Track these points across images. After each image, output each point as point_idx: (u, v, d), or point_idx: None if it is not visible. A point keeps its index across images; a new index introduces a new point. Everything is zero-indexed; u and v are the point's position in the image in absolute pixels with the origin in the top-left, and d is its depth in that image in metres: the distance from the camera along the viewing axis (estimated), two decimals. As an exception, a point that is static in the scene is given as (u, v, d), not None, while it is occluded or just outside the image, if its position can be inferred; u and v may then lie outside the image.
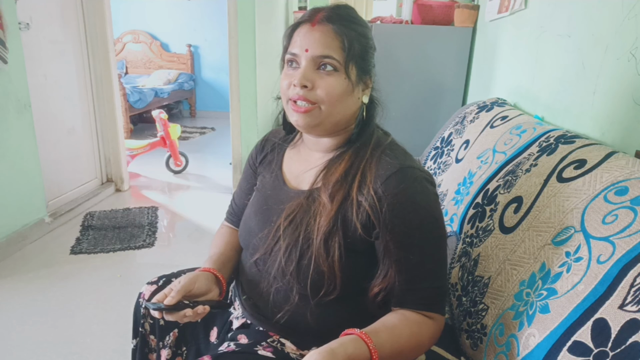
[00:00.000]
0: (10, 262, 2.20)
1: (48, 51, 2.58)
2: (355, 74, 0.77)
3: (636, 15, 0.96)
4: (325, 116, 0.77)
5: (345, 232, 0.77)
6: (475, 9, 2.17)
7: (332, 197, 0.77)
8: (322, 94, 0.75)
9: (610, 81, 1.06)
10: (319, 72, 0.75)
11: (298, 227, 0.78)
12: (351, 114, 0.81)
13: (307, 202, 0.80)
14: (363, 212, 0.75)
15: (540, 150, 1.00)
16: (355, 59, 0.77)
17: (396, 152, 0.80)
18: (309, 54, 0.75)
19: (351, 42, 0.75)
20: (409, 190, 0.74)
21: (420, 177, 0.76)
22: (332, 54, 0.74)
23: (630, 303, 0.57)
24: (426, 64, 2.27)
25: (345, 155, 0.80)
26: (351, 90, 0.77)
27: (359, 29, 0.78)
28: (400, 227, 0.73)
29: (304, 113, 0.76)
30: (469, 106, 1.67)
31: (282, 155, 0.93)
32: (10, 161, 2.22)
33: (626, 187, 0.71)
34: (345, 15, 0.77)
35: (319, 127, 0.79)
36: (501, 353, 0.77)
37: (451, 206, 1.29)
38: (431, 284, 0.75)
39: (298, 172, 0.87)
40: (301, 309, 0.80)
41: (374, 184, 0.75)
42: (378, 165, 0.77)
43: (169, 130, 3.54)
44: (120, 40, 6.12)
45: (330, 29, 0.75)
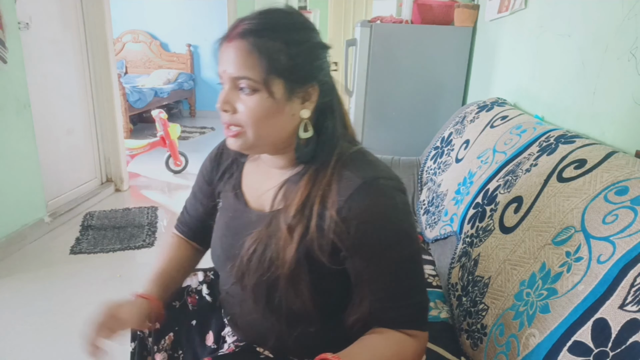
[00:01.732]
0: (9, 262, 2.19)
1: (48, 51, 2.58)
2: (284, 89, 0.68)
3: (636, 15, 0.96)
4: (254, 139, 0.70)
5: (313, 266, 0.71)
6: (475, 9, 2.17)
7: (291, 232, 0.70)
8: (243, 118, 0.69)
9: (610, 81, 1.06)
10: (239, 94, 0.68)
11: (261, 263, 0.73)
12: (288, 133, 0.72)
13: (267, 231, 0.73)
14: (328, 241, 0.69)
15: (541, 150, 1.00)
16: (281, 72, 0.67)
17: (359, 163, 0.72)
18: (227, 75, 0.68)
19: (271, 55, 0.66)
20: (375, 206, 0.68)
21: (386, 187, 0.70)
22: (247, 74, 0.66)
23: (631, 303, 0.57)
24: (426, 64, 2.27)
25: (302, 181, 0.73)
26: (279, 109, 0.69)
27: (285, 37, 0.68)
28: (370, 248, 0.68)
29: (233, 137, 0.71)
30: (469, 106, 1.67)
31: (242, 171, 0.86)
32: (9, 161, 2.22)
33: (626, 186, 0.71)
34: (265, 24, 0.68)
35: (254, 149, 0.73)
36: (501, 353, 0.77)
37: (451, 206, 1.29)
38: (409, 301, 0.70)
39: (259, 190, 0.80)
40: (284, 337, 0.78)
41: (337, 205, 0.68)
42: (339, 183, 0.70)
43: (168, 130, 3.54)
44: (120, 39, 6.12)
45: (244, 45, 0.66)
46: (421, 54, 2.25)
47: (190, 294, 0.98)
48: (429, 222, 1.44)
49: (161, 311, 0.84)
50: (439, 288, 1.21)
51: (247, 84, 0.67)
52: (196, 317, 0.96)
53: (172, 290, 0.91)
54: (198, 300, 0.98)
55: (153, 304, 0.82)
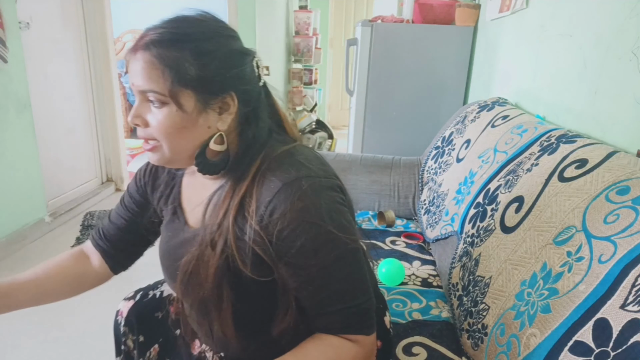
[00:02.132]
0: (10, 262, 2.19)
1: (48, 50, 2.58)
2: (195, 101, 0.64)
3: (637, 15, 0.96)
4: (171, 153, 0.67)
5: (235, 281, 0.68)
6: (476, 8, 2.17)
7: (213, 247, 0.67)
8: (155, 132, 0.65)
9: (611, 81, 1.06)
10: (150, 106, 0.65)
11: (195, 285, 0.70)
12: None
13: (199, 252, 0.69)
14: (249, 252, 0.65)
15: (542, 150, 1.00)
16: (189, 83, 0.63)
17: (283, 165, 0.67)
18: (135, 88, 0.65)
19: (177, 66, 0.62)
20: (295, 208, 0.63)
21: (310, 186, 0.64)
22: (152, 87, 0.62)
23: (632, 303, 0.57)
24: (427, 63, 2.26)
25: (225, 191, 0.69)
26: (192, 121, 0.65)
27: (193, 46, 0.63)
28: (293, 255, 0.64)
29: (150, 151, 0.68)
30: (470, 105, 1.67)
31: (180, 186, 0.82)
32: (10, 161, 2.22)
33: (628, 186, 0.71)
34: (169, 34, 0.64)
35: (172, 163, 0.70)
36: (502, 353, 0.77)
37: (452, 206, 1.28)
38: (342, 305, 0.66)
39: (195, 204, 0.77)
40: (231, 350, 0.78)
41: (258, 213, 0.64)
42: (260, 189, 0.65)
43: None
44: (121, 39, 6.11)
45: (148, 57, 0.62)
46: (422, 54, 2.25)
47: (171, 303, 0.95)
48: (430, 222, 1.44)
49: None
50: (440, 288, 1.21)
51: (155, 97, 0.63)
52: (180, 326, 0.93)
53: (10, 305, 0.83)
54: (180, 308, 0.94)
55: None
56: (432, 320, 1.05)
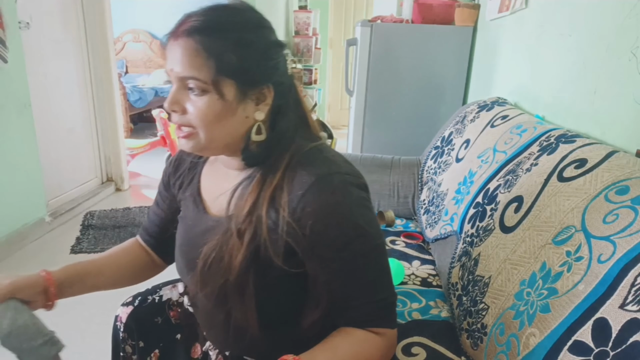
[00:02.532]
0: (10, 262, 2.20)
1: (48, 50, 2.58)
2: (235, 91, 0.65)
3: (637, 15, 0.96)
4: (207, 141, 0.67)
5: (263, 271, 0.69)
6: (475, 8, 2.17)
7: (240, 236, 0.68)
8: (193, 119, 0.65)
9: (611, 80, 1.06)
10: (188, 93, 0.65)
11: (217, 272, 0.70)
12: (243, 134, 0.69)
13: (223, 239, 0.70)
14: (281, 243, 0.66)
15: (541, 150, 1.00)
16: (231, 73, 0.64)
17: (314, 161, 0.69)
18: (174, 74, 0.65)
19: (220, 55, 0.63)
20: (328, 203, 0.65)
21: (341, 182, 0.67)
22: (194, 74, 0.63)
23: (631, 303, 0.57)
24: (427, 63, 2.27)
25: (253, 183, 0.70)
26: (231, 110, 0.66)
27: (235, 37, 0.64)
28: (325, 247, 0.66)
29: (185, 138, 0.68)
30: (470, 105, 1.67)
31: (200, 175, 0.83)
32: (10, 160, 2.22)
33: (627, 186, 0.71)
34: (213, 22, 0.64)
35: (206, 151, 0.70)
36: (501, 352, 0.77)
37: (451, 205, 1.29)
38: (370, 298, 0.68)
39: (216, 194, 0.77)
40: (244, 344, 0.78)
41: (290, 206, 0.65)
42: (292, 183, 0.67)
43: (169, 129, 3.54)
44: (120, 39, 6.11)
45: (191, 44, 0.62)
46: (422, 54, 2.25)
47: (171, 308, 0.95)
48: (429, 222, 1.44)
49: (52, 297, 0.78)
50: (439, 287, 1.21)
51: (196, 85, 0.64)
52: (180, 331, 0.94)
53: (79, 289, 0.81)
54: (180, 312, 0.95)
55: (47, 282, 0.76)
56: (432, 320, 1.05)
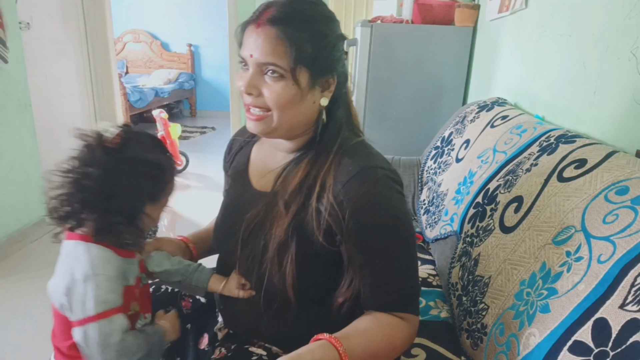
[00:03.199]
0: (11, 262, 2.20)
1: (48, 51, 2.58)
2: (308, 78, 0.71)
3: (637, 15, 0.96)
4: (278, 123, 0.73)
5: (303, 242, 0.74)
6: (475, 9, 2.17)
7: (287, 207, 0.74)
8: (269, 102, 0.71)
9: (610, 81, 1.06)
10: (265, 78, 0.71)
11: (257, 236, 0.77)
12: (308, 119, 0.76)
13: (266, 209, 0.77)
14: (324, 221, 0.72)
15: (541, 150, 1.00)
16: (306, 62, 0.70)
17: (360, 153, 0.76)
18: (253, 60, 0.70)
19: (299, 45, 0.68)
20: (371, 192, 0.71)
21: (382, 176, 0.73)
22: (275, 60, 0.68)
23: (631, 303, 0.57)
24: (426, 64, 2.26)
25: (302, 164, 0.77)
26: (302, 96, 0.72)
27: (312, 28, 0.70)
28: (364, 232, 0.71)
29: (257, 121, 0.74)
30: (470, 106, 1.67)
31: (249, 154, 0.90)
32: (10, 160, 2.22)
33: (627, 186, 0.71)
34: (294, 14, 0.69)
35: (273, 133, 0.76)
36: (501, 352, 0.77)
37: (451, 206, 1.29)
38: (400, 285, 0.73)
39: (262, 172, 0.85)
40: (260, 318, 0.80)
41: (334, 189, 0.72)
42: (337, 170, 0.73)
43: (169, 129, 3.53)
44: (121, 39, 6.12)
45: (273, 33, 0.68)
46: (421, 54, 2.25)
47: (183, 298, 0.99)
48: (429, 222, 1.44)
49: (194, 253, 0.95)
50: (439, 287, 1.21)
51: (274, 70, 0.69)
52: (191, 321, 0.96)
53: (207, 247, 0.98)
54: (192, 303, 0.99)
55: (185, 241, 0.94)
56: (431, 321, 1.05)
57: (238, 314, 0.85)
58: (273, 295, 0.77)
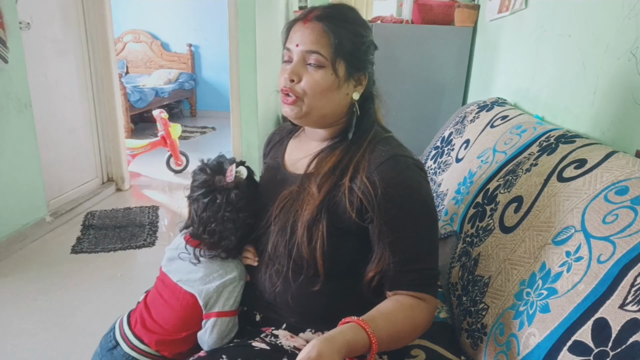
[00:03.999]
0: (11, 262, 2.20)
1: (49, 51, 2.58)
2: (345, 71, 0.80)
3: (636, 15, 0.96)
4: (309, 108, 0.81)
5: (334, 218, 0.80)
6: (475, 9, 2.17)
7: (319, 188, 0.81)
8: (305, 88, 0.80)
9: (610, 81, 1.06)
10: (307, 67, 0.80)
11: (288, 213, 0.83)
12: (340, 109, 0.84)
13: (298, 189, 0.84)
14: (356, 199, 0.79)
15: (541, 150, 1.00)
16: (345, 55, 0.79)
17: (391, 144, 0.85)
18: (299, 48, 0.79)
19: (340, 39, 0.78)
20: (402, 175, 0.78)
21: (412, 164, 0.81)
22: (319, 49, 0.78)
23: (631, 303, 0.57)
24: (426, 64, 2.27)
25: (336, 150, 0.84)
26: (338, 86, 0.81)
27: (352, 28, 0.81)
28: (394, 210, 0.77)
29: (290, 105, 0.82)
30: (469, 106, 1.67)
31: (286, 146, 0.98)
32: (10, 160, 2.22)
33: (626, 186, 0.71)
34: (337, 14, 0.81)
35: (305, 118, 0.83)
36: (501, 352, 0.77)
37: (451, 206, 1.29)
38: (424, 265, 0.79)
39: (297, 158, 0.92)
40: (290, 291, 0.84)
41: (367, 171, 0.79)
42: (371, 155, 0.81)
43: (169, 129, 3.54)
44: (121, 39, 6.11)
45: (319, 26, 0.78)
46: (421, 54, 2.25)
47: None
48: (430, 222, 1.44)
49: None
50: (439, 287, 1.21)
51: (317, 59, 0.78)
52: None
53: None
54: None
55: None
56: (432, 320, 1.05)
57: (266, 284, 0.88)
58: (301, 267, 0.82)
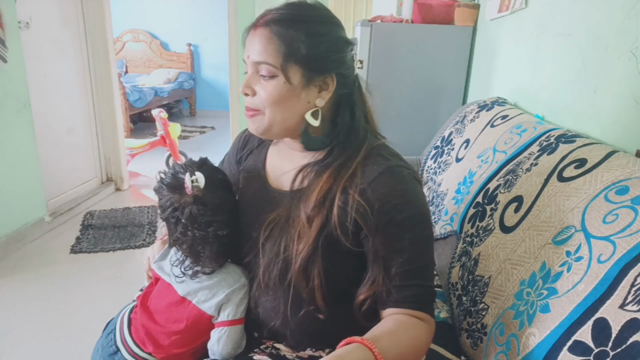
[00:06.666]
0: (10, 261, 2.20)
1: (48, 50, 2.57)
2: (301, 77, 0.72)
3: (637, 14, 0.96)
4: (270, 122, 0.75)
5: (330, 253, 0.75)
6: (475, 8, 2.17)
7: (310, 220, 0.74)
8: (261, 100, 0.74)
9: (610, 80, 1.06)
10: (260, 79, 0.73)
11: (277, 242, 0.77)
12: (304, 118, 0.76)
13: (286, 212, 0.77)
14: (351, 221, 0.73)
15: (541, 150, 1.00)
16: (298, 60, 0.71)
17: (383, 154, 0.78)
18: (250, 60, 0.74)
19: (291, 43, 0.70)
20: (399, 189, 0.73)
21: (408, 175, 0.76)
22: (267, 59, 0.71)
23: (631, 303, 0.57)
24: (426, 63, 2.26)
25: (325, 173, 0.76)
26: (295, 94, 0.73)
27: (306, 27, 0.72)
28: (391, 226, 0.72)
29: (251, 118, 0.77)
30: (470, 105, 1.67)
31: (266, 153, 0.91)
32: (10, 160, 2.22)
33: (627, 186, 0.71)
34: (288, 15, 0.72)
35: (269, 132, 0.77)
36: (501, 352, 0.77)
37: (451, 205, 1.28)
38: (420, 282, 0.74)
39: (280, 171, 0.85)
40: (287, 319, 0.80)
41: (360, 187, 0.73)
42: (364, 169, 0.75)
43: (168, 129, 3.53)
44: (120, 39, 6.11)
45: (267, 33, 0.71)
46: (421, 54, 2.25)
47: None
48: (429, 222, 1.44)
49: None
50: (439, 287, 1.21)
51: (267, 69, 0.72)
52: None
53: None
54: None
55: None
56: (432, 320, 1.05)
57: (263, 314, 0.84)
58: (299, 304, 0.77)
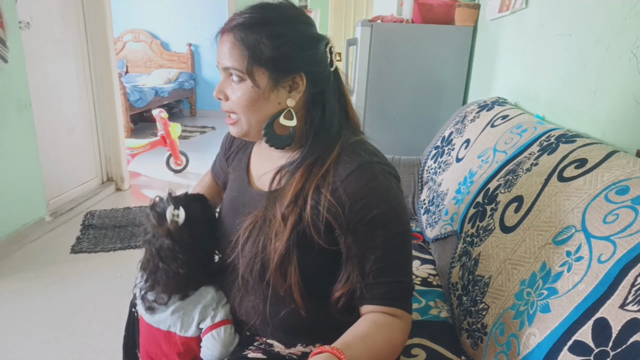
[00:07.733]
0: (10, 261, 2.20)
1: (48, 50, 2.58)
2: (267, 79, 0.73)
3: (637, 15, 0.96)
4: (247, 125, 0.77)
5: (303, 251, 0.75)
6: (476, 8, 2.17)
7: (285, 219, 0.75)
8: (233, 105, 0.76)
9: (611, 80, 1.06)
10: (231, 83, 0.75)
11: (255, 242, 0.77)
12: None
13: (264, 214, 0.78)
14: (323, 221, 0.73)
15: (541, 150, 1.00)
16: (263, 62, 0.71)
17: (357, 151, 0.77)
18: (220, 67, 0.76)
19: (253, 47, 0.71)
20: (370, 186, 0.72)
21: (381, 171, 0.75)
22: (233, 64, 0.72)
23: (631, 303, 0.57)
24: (427, 63, 2.26)
25: (297, 173, 0.77)
26: (264, 97, 0.74)
27: (268, 30, 0.72)
28: (363, 224, 0.72)
29: (231, 125, 0.79)
30: (470, 105, 1.67)
31: (250, 154, 0.93)
32: (10, 160, 2.22)
33: (627, 186, 0.71)
34: (250, 18, 0.72)
35: (249, 135, 0.79)
36: (502, 352, 0.77)
37: (452, 205, 1.28)
38: (395, 278, 0.74)
39: (261, 171, 0.86)
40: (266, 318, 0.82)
41: (333, 186, 0.73)
42: (336, 167, 0.75)
43: (169, 129, 3.53)
44: (121, 39, 6.12)
45: (231, 38, 0.72)
46: (422, 54, 2.25)
47: None
48: (430, 222, 1.44)
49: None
50: (440, 287, 1.21)
51: (235, 74, 0.73)
52: None
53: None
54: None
55: None
56: (431, 321, 1.05)
57: (245, 314, 0.86)
58: (280, 303, 0.79)
